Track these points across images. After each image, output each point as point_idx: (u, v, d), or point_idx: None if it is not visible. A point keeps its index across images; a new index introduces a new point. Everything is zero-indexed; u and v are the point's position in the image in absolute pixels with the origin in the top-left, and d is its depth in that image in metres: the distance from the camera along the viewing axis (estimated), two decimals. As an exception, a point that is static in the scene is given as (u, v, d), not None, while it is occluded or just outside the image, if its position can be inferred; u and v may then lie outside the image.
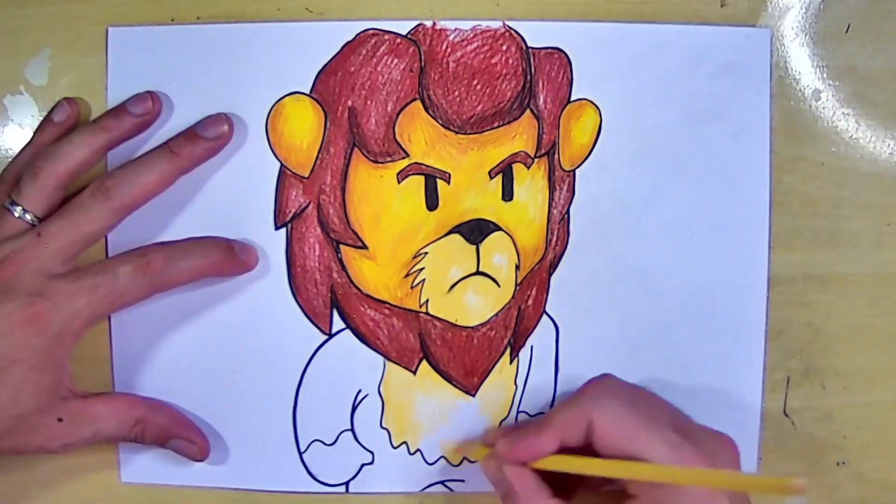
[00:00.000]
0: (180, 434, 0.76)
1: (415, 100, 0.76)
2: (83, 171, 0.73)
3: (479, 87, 0.76)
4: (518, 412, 0.79)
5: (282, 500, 0.79)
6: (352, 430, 0.78)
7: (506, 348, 0.78)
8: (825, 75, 0.79)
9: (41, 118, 0.77)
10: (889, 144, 0.79)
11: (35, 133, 0.76)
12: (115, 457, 0.79)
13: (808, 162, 0.79)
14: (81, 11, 0.77)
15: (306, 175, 0.76)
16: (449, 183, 0.76)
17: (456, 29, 0.76)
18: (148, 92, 0.75)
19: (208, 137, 0.74)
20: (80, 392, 0.73)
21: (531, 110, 0.76)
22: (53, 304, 0.69)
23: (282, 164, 0.76)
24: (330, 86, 0.76)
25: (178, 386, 0.78)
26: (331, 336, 0.77)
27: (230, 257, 0.74)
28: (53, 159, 0.72)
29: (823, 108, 0.79)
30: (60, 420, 0.71)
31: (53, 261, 0.70)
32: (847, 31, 0.78)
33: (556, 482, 0.70)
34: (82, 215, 0.70)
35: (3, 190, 0.73)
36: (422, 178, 0.76)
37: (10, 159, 0.76)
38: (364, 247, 0.77)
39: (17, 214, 0.71)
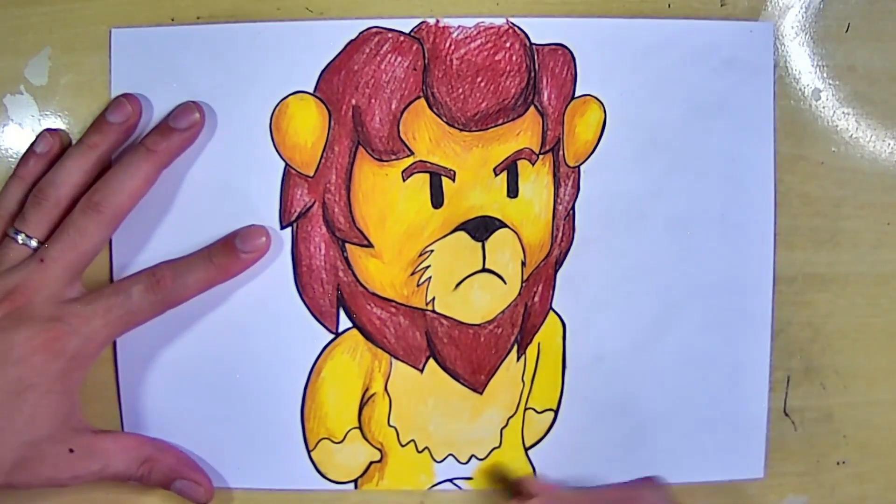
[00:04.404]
0: (186, 475, 0.76)
1: (419, 97, 0.76)
2: (82, 192, 0.73)
3: (483, 84, 0.76)
4: (526, 409, 0.79)
5: (291, 498, 0.78)
6: (360, 428, 0.78)
7: (513, 345, 0.78)
8: (825, 75, 0.79)
9: (41, 118, 0.77)
10: (889, 144, 0.80)
11: (18, 165, 0.76)
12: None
13: (809, 161, 0.79)
14: (82, 11, 0.76)
15: (311, 174, 0.76)
16: (454, 180, 0.76)
17: (459, 26, 0.76)
18: (124, 96, 0.75)
19: (182, 128, 0.74)
20: (90, 426, 0.73)
21: (535, 107, 0.76)
22: (71, 327, 0.70)
23: (286, 164, 0.76)
24: (334, 84, 0.76)
25: (184, 387, 0.77)
26: (337, 335, 0.77)
27: (234, 258, 0.74)
28: (53, 188, 0.73)
29: (823, 107, 0.79)
30: (71, 451, 0.71)
31: (61, 283, 0.71)
32: (847, 31, 0.79)
33: None
34: (78, 234, 0.72)
35: (1, 221, 0.74)
36: (427, 175, 0.76)
37: (10, 158, 0.77)
38: (370, 245, 0.77)
39: (20, 241, 0.72)
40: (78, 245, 0.71)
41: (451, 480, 0.79)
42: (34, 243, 0.72)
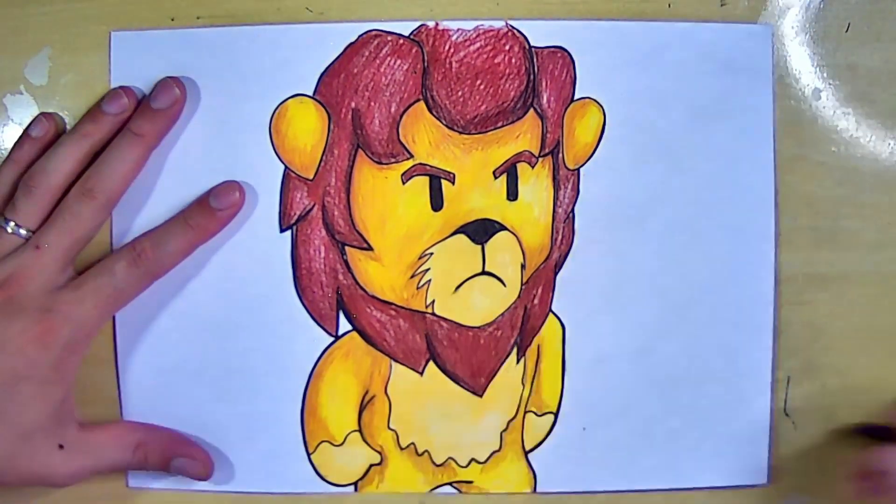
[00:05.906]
0: (182, 453, 0.76)
1: (418, 100, 0.76)
2: (73, 180, 0.73)
3: (482, 86, 0.76)
4: (525, 412, 0.79)
5: (290, 501, 0.79)
6: (360, 430, 0.78)
7: (512, 348, 0.78)
8: (825, 74, 0.79)
9: (40, 118, 0.77)
10: (889, 144, 0.79)
11: (13, 149, 0.76)
12: (122, 461, 0.78)
13: (809, 161, 0.79)
14: (82, 11, 0.76)
15: (311, 177, 0.76)
16: (453, 183, 0.76)
17: (458, 29, 0.76)
18: (121, 88, 0.75)
19: (164, 108, 0.74)
20: (79, 421, 0.73)
21: (535, 109, 0.76)
22: (62, 316, 0.70)
23: (286, 167, 0.76)
24: (333, 87, 0.76)
25: (184, 390, 0.78)
26: (337, 338, 0.77)
27: (210, 217, 0.74)
28: (45, 175, 0.72)
29: (824, 107, 0.79)
30: (61, 447, 0.71)
31: (54, 270, 0.71)
32: (847, 31, 0.79)
33: None
34: (74, 221, 0.72)
35: None
36: (426, 178, 0.76)
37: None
38: (369, 248, 0.76)
39: (10, 230, 0.72)
40: (73, 230, 0.71)
41: (451, 484, 0.79)
42: (24, 232, 0.72)
